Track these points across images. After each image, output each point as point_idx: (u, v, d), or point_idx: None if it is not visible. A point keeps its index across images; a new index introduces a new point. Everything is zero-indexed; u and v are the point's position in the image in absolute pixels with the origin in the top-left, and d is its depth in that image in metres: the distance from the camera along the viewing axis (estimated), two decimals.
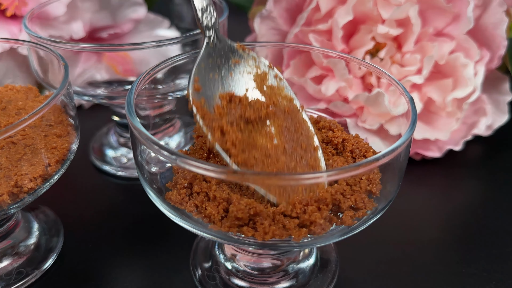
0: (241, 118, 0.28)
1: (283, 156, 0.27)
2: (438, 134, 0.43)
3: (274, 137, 0.28)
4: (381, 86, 0.41)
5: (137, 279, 0.33)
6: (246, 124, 0.28)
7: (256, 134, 0.28)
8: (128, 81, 0.45)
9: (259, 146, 0.27)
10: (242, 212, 0.24)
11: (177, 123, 0.50)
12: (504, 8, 0.41)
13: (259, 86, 0.30)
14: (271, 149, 0.27)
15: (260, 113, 0.28)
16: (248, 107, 0.29)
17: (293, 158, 0.28)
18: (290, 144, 0.28)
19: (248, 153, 0.27)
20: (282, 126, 0.29)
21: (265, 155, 0.27)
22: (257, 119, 0.28)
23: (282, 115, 0.29)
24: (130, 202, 0.41)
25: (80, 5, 0.47)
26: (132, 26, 0.51)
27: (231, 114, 0.28)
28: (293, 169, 0.27)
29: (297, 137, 0.29)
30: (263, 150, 0.27)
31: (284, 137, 0.28)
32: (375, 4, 0.41)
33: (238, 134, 0.27)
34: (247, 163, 0.26)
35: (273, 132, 0.28)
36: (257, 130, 0.28)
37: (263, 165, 0.27)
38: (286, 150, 0.28)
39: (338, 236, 0.25)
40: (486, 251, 0.36)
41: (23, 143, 0.29)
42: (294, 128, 0.29)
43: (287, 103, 0.30)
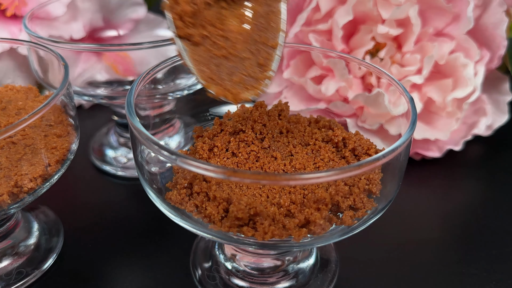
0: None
1: (242, 44, 0.26)
2: (438, 134, 0.43)
3: (245, 23, 0.26)
4: (381, 86, 0.41)
5: (137, 279, 0.33)
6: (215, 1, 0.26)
7: (228, 12, 0.26)
8: (128, 81, 0.45)
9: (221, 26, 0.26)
10: (242, 212, 0.23)
11: (177, 123, 0.50)
12: (504, 8, 0.41)
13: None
14: (234, 32, 0.26)
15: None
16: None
17: (250, 49, 0.26)
18: (256, 34, 0.26)
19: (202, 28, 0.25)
20: (258, 12, 0.27)
21: (223, 37, 0.25)
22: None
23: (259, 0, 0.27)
24: (130, 202, 0.41)
25: (80, 5, 0.47)
26: (132, 26, 0.51)
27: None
28: (241, 60, 0.26)
29: (265, 28, 0.27)
30: (224, 31, 0.25)
31: (254, 25, 0.26)
32: (375, 4, 0.41)
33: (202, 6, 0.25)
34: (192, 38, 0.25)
35: (246, 15, 0.26)
36: (231, 8, 0.26)
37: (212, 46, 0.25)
38: (248, 41, 0.26)
39: (338, 236, 0.25)
40: (486, 251, 0.36)
41: (23, 143, 0.29)
42: (267, 18, 0.27)
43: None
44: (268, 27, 0.27)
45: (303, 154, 0.29)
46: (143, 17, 0.51)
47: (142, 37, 0.52)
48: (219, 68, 0.26)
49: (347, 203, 0.25)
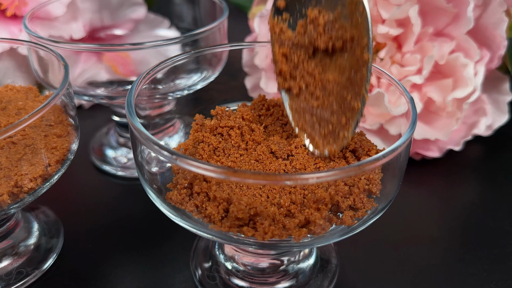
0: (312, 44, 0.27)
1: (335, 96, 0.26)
2: (438, 134, 0.43)
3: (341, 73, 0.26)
4: (381, 86, 0.41)
5: (137, 279, 0.33)
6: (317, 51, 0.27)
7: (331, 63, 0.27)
8: (128, 81, 0.45)
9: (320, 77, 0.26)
10: (243, 212, 0.24)
11: (177, 123, 0.50)
12: (504, 8, 0.41)
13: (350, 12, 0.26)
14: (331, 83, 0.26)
15: (336, 43, 0.26)
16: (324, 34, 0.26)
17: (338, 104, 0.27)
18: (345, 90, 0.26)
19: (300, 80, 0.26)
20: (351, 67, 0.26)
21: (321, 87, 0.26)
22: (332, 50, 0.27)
23: (352, 54, 0.26)
24: (130, 202, 0.41)
25: (80, 5, 0.47)
26: (132, 26, 0.51)
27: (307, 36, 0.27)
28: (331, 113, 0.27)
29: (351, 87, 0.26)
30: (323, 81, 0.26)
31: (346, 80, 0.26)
32: (375, 4, 0.41)
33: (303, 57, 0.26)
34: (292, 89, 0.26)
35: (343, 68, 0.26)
36: (333, 60, 0.27)
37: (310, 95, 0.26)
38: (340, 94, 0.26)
39: (338, 236, 0.25)
40: (486, 251, 0.36)
41: (23, 143, 0.29)
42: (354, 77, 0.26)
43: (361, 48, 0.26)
44: (354, 86, 0.27)
45: (303, 154, 0.29)
46: (143, 17, 0.51)
47: (142, 37, 0.52)
48: (312, 118, 0.27)
49: (347, 203, 0.25)
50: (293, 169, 0.28)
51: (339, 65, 0.27)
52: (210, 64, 0.41)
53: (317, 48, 0.28)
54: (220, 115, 0.32)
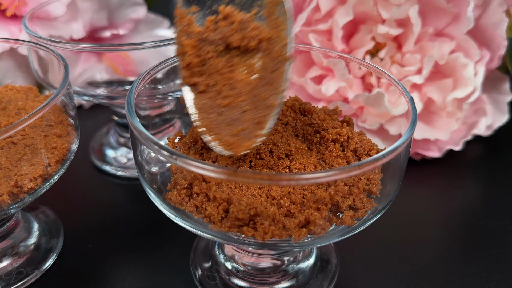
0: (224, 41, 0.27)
1: (246, 96, 0.26)
2: (438, 134, 0.43)
3: (253, 73, 0.27)
4: (381, 86, 0.41)
5: (137, 279, 0.33)
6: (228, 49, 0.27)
7: (239, 59, 0.27)
8: (128, 81, 0.45)
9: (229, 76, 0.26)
10: (243, 212, 0.23)
11: (177, 123, 0.50)
12: (504, 8, 0.41)
13: (268, 13, 0.27)
14: (241, 82, 0.26)
15: (250, 43, 0.27)
16: (239, 32, 0.27)
17: (252, 102, 0.26)
18: (259, 89, 0.27)
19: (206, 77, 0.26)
20: (267, 66, 0.27)
21: (230, 86, 0.26)
22: (243, 48, 0.27)
23: (269, 55, 0.27)
24: (130, 202, 0.41)
25: (80, 5, 0.47)
26: (132, 26, 0.51)
27: (219, 32, 0.26)
28: (242, 112, 0.26)
29: (268, 84, 0.27)
30: (233, 80, 0.26)
31: (260, 79, 0.26)
32: (375, 4, 0.41)
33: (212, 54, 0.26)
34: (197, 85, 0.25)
35: (256, 68, 0.27)
36: (243, 58, 0.27)
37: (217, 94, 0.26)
38: (252, 93, 0.26)
39: (338, 236, 0.25)
40: (486, 251, 0.36)
41: (23, 143, 0.29)
42: (272, 75, 0.27)
43: (280, 48, 0.27)
44: (271, 84, 0.27)
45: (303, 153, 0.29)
46: (143, 17, 0.51)
47: (142, 37, 0.52)
48: (220, 117, 0.26)
49: (347, 203, 0.25)
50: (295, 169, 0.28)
51: (253, 64, 0.27)
52: None
53: (229, 46, 0.27)
54: None
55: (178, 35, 0.27)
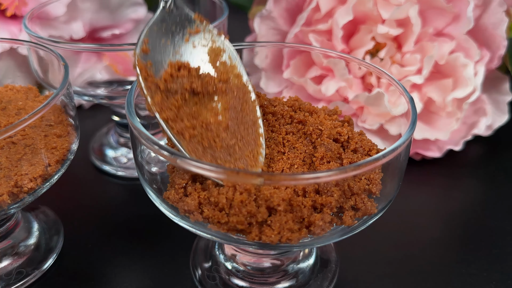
0: (187, 89, 0.28)
1: (224, 132, 0.27)
2: (438, 134, 0.43)
3: (219, 114, 0.28)
4: (381, 86, 0.41)
5: (137, 279, 0.33)
6: (192, 95, 0.28)
7: (201, 107, 0.28)
8: (128, 81, 0.45)
9: (201, 120, 0.27)
10: (242, 224, 0.23)
11: None
12: (504, 8, 0.41)
13: (212, 60, 0.30)
14: (214, 124, 0.27)
15: (208, 88, 0.28)
16: (197, 79, 0.28)
17: (234, 136, 0.28)
18: (234, 122, 0.28)
19: (188, 123, 0.26)
20: (229, 104, 0.28)
21: (206, 129, 0.27)
22: (204, 93, 0.28)
23: (231, 93, 0.29)
24: (130, 202, 0.41)
25: (80, 5, 0.47)
26: (132, 26, 0.51)
27: (178, 82, 0.28)
28: (231, 147, 0.27)
29: (242, 116, 0.29)
30: (204, 123, 0.27)
31: (229, 115, 0.28)
32: (375, 4, 0.41)
33: (181, 102, 0.27)
34: (184, 133, 0.26)
35: (219, 108, 0.28)
36: (203, 104, 0.28)
37: (201, 138, 0.26)
38: (229, 128, 0.28)
39: (338, 236, 0.25)
40: (486, 251, 0.36)
41: (23, 143, 0.29)
42: (240, 107, 0.29)
43: (238, 82, 0.30)
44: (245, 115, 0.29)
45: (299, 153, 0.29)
46: (143, 17, 0.51)
47: None
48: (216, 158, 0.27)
49: (349, 203, 0.25)
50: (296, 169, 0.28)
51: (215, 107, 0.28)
52: None
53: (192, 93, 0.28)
54: None
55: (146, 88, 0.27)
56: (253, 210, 0.23)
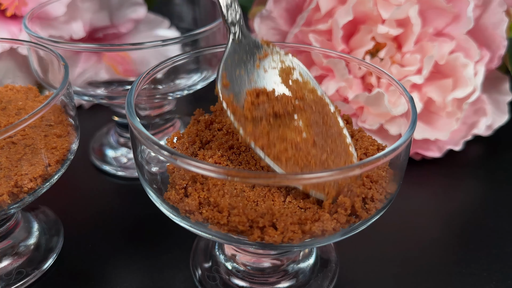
0: (270, 113, 0.28)
1: (313, 149, 0.27)
2: (438, 134, 0.43)
3: (303, 131, 0.28)
4: (381, 86, 0.41)
5: (137, 279, 0.33)
6: (275, 119, 0.28)
7: (285, 128, 0.28)
8: (128, 81, 0.45)
9: (289, 140, 0.27)
10: (243, 225, 0.23)
11: (177, 123, 0.50)
12: (504, 8, 0.41)
13: (285, 80, 0.30)
14: (301, 142, 0.27)
15: (287, 107, 0.28)
16: (277, 101, 0.28)
17: (324, 150, 0.28)
18: (320, 137, 0.28)
19: (280, 146, 0.27)
20: (310, 119, 0.29)
21: (296, 149, 0.27)
22: (285, 114, 0.28)
23: (309, 109, 0.29)
24: (130, 202, 0.41)
25: (80, 5, 0.47)
26: (132, 26, 0.51)
27: (260, 109, 0.28)
28: (324, 161, 0.27)
29: (326, 130, 0.29)
30: (293, 143, 0.27)
31: (312, 131, 0.28)
32: (375, 4, 0.41)
33: (268, 128, 0.27)
34: (280, 157, 0.26)
35: (301, 126, 0.28)
36: (286, 125, 0.28)
37: (295, 158, 0.27)
38: (316, 143, 0.28)
39: (338, 236, 0.25)
40: (486, 251, 0.36)
41: (23, 143, 0.29)
42: (322, 121, 0.29)
43: (314, 97, 0.30)
44: (328, 128, 0.29)
45: None
46: (143, 17, 0.51)
47: (142, 37, 0.52)
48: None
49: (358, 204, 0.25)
50: None
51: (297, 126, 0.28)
52: (210, 64, 0.41)
53: (275, 115, 0.28)
54: (219, 111, 0.32)
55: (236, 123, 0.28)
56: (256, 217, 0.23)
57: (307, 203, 0.25)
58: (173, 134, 0.31)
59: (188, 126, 0.32)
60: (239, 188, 0.26)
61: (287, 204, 0.25)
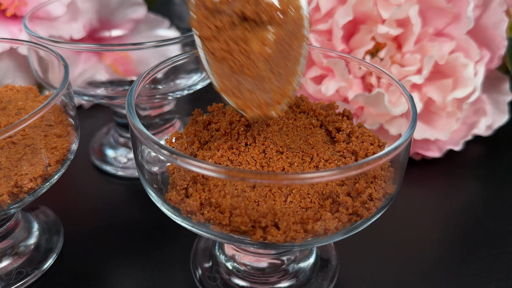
0: (237, 13, 0.27)
1: (263, 64, 0.27)
2: (438, 134, 0.43)
3: (267, 45, 0.27)
4: (381, 86, 0.41)
5: (137, 279, 0.33)
6: (243, 21, 0.27)
7: (252, 35, 0.27)
8: (128, 81, 0.45)
9: (244, 46, 0.27)
10: (246, 225, 0.23)
11: (177, 123, 0.50)
12: (504, 8, 0.41)
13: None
14: (256, 53, 0.27)
15: (261, 15, 0.27)
16: (252, 4, 0.27)
17: (271, 69, 0.27)
18: (278, 56, 0.27)
19: (223, 45, 0.26)
20: (280, 36, 0.28)
21: (245, 56, 0.26)
22: (257, 21, 0.27)
23: (285, 25, 0.28)
24: (130, 202, 0.41)
25: (80, 5, 0.47)
26: (132, 26, 0.51)
27: (230, 5, 0.27)
28: (262, 78, 0.27)
29: (287, 52, 0.28)
30: (246, 51, 0.27)
31: (276, 48, 0.27)
32: (375, 4, 0.41)
33: (223, 25, 0.26)
34: (215, 53, 0.26)
35: (270, 40, 0.27)
36: (255, 32, 0.27)
37: (233, 62, 0.26)
38: (269, 61, 0.27)
39: (340, 235, 0.25)
40: (486, 251, 0.36)
41: (23, 143, 0.29)
42: (289, 43, 0.28)
43: (296, 14, 0.28)
44: (291, 51, 0.28)
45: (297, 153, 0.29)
46: (143, 17, 0.51)
47: (142, 37, 0.52)
48: (240, 85, 0.26)
49: (359, 201, 0.25)
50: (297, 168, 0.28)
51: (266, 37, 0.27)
52: None
53: (243, 17, 0.27)
54: (216, 112, 0.32)
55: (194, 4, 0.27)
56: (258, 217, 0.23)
57: (308, 202, 0.25)
58: (172, 134, 0.31)
59: (186, 126, 0.32)
60: (240, 188, 0.26)
61: (288, 204, 0.25)
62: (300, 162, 0.28)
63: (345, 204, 0.24)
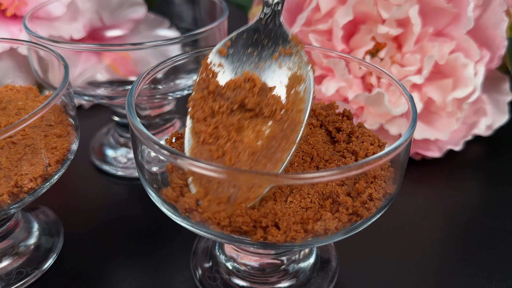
0: (238, 101, 0.27)
1: (247, 157, 0.26)
2: (438, 134, 0.43)
3: (260, 138, 0.27)
4: (381, 86, 0.41)
5: (137, 279, 0.33)
6: (243, 110, 0.27)
7: (250, 125, 0.27)
8: (128, 81, 0.45)
9: (236, 135, 0.26)
10: (247, 225, 0.23)
11: (177, 123, 0.50)
12: (504, 8, 0.41)
13: (289, 86, 0.28)
14: (246, 144, 0.26)
15: (263, 109, 0.27)
16: (256, 96, 0.27)
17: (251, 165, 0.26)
18: (264, 153, 0.27)
19: (209, 129, 0.26)
20: (274, 134, 0.27)
21: (232, 145, 0.26)
22: (258, 112, 0.27)
23: (283, 124, 0.27)
24: (130, 202, 0.41)
25: (80, 5, 0.47)
26: (132, 26, 0.51)
27: (236, 92, 0.27)
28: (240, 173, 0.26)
29: (273, 152, 0.27)
30: (235, 140, 0.26)
31: (268, 143, 0.27)
32: (375, 4, 0.41)
33: (218, 110, 0.26)
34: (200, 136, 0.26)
35: (266, 133, 0.27)
36: (254, 123, 0.27)
37: (216, 149, 0.26)
38: (254, 156, 0.26)
39: (340, 235, 0.25)
40: (486, 251, 0.36)
41: (23, 143, 0.29)
42: (279, 143, 0.27)
43: (296, 116, 0.28)
44: (277, 151, 0.27)
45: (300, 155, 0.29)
46: (143, 17, 0.51)
47: (142, 37, 0.52)
48: None
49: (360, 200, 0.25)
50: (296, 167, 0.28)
51: (262, 131, 0.27)
52: None
53: (243, 106, 0.27)
54: None
55: (197, 83, 0.28)
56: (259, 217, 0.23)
57: (308, 202, 0.25)
58: (172, 134, 0.31)
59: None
60: None
61: (288, 204, 0.25)
62: (300, 162, 0.28)
63: (345, 204, 0.24)
